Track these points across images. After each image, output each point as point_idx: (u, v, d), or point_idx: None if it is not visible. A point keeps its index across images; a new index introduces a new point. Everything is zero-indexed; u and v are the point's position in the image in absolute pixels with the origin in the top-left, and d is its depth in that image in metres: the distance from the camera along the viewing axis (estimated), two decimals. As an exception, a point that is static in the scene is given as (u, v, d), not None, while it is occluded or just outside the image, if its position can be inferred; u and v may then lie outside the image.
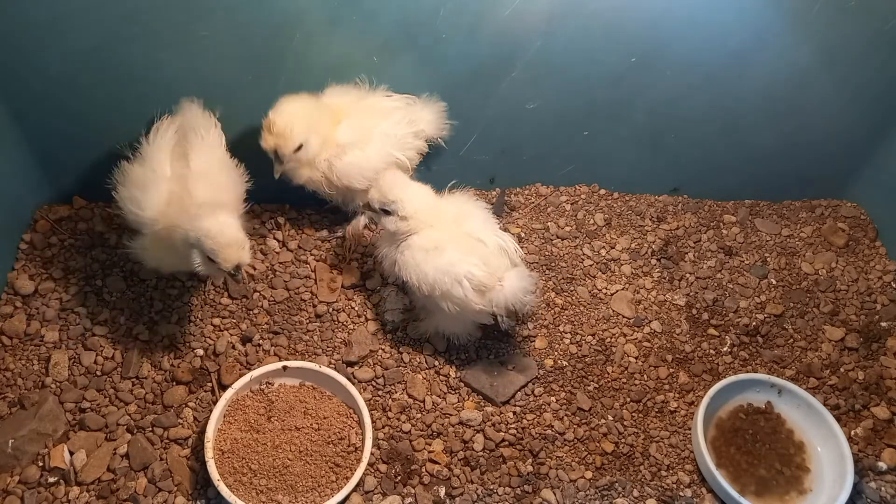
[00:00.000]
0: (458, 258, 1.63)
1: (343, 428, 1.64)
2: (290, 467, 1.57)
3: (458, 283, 1.62)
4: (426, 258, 1.64)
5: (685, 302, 2.01)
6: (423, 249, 1.65)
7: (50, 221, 1.95)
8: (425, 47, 1.79)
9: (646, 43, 1.84)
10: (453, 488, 1.62)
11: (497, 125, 2.02)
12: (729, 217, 2.23)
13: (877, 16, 1.83)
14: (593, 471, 1.67)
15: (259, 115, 1.80)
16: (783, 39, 1.85)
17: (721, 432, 1.75)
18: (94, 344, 1.74)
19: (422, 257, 1.64)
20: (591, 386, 1.81)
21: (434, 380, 1.78)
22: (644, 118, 2.03)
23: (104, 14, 1.61)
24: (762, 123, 2.05)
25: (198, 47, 1.70)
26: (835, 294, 2.06)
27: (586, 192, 2.23)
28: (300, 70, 1.79)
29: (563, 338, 1.89)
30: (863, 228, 2.22)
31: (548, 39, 1.81)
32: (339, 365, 1.77)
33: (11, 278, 1.83)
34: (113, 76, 1.73)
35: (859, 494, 1.67)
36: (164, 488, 1.56)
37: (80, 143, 1.87)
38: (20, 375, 1.68)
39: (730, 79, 1.93)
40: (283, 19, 1.69)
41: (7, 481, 1.52)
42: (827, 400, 1.82)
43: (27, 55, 1.67)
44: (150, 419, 1.64)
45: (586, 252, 2.08)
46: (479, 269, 1.62)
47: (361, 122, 1.79)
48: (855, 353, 1.93)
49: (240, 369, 1.73)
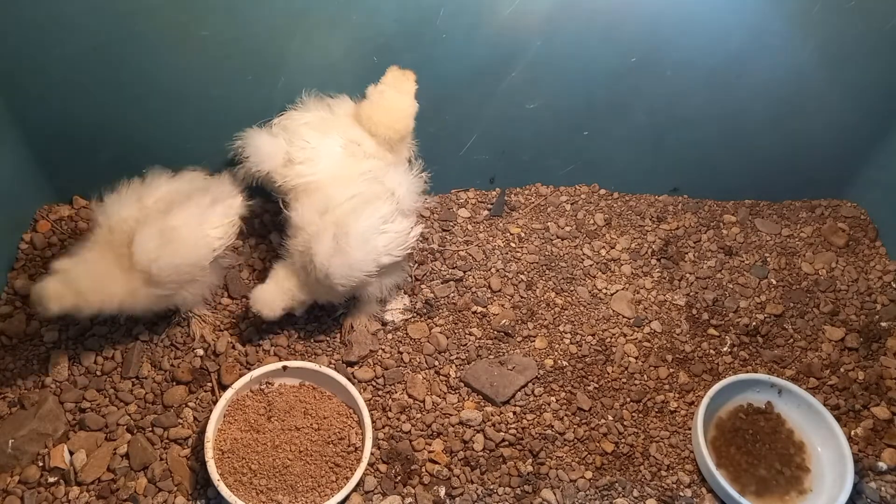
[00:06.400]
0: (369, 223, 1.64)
1: (343, 428, 1.64)
2: (290, 467, 1.57)
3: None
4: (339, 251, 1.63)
5: (685, 302, 2.01)
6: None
7: (50, 221, 1.95)
8: (425, 47, 1.79)
9: (646, 43, 1.84)
10: (453, 488, 1.62)
11: (497, 125, 2.01)
12: (729, 217, 2.23)
13: (877, 16, 1.82)
14: (593, 471, 1.67)
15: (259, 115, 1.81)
16: (783, 39, 1.85)
17: (721, 432, 1.75)
18: (93, 344, 1.74)
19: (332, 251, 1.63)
20: (591, 386, 1.81)
21: (434, 380, 1.78)
22: (644, 118, 2.03)
23: (104, 14, 1.61)
24: (762, 123, 2.06)
25: (198, 47, 1.70)
26: (835, 294, 2.06)
27: (586, 192, 2.23)
28: (300, 70, 1.79)
29: (563, 338, 1.89)
30: (863, 228, 2.22)
31: (548, 39, 1.82)
32: (339, 365, 1.77)
33: (11, 278, 1.83)
34: (113, 76, 1.73)
35: (859, 494, 1.66)
36: (164, 488, 1.56)
37: (80, 143, 1.87)
38: (20, 375, 1.68)
39: (730, 79, 1.93)
40: (283, 19, 1.69)
41: (7, 481, 1.52)
42: (827, 400, 1.82)
43: (27, 55, 1.67)
44: (150, 419, 1.64)
45: (586, 252, 2.08)
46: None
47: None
48: (855, 353, 1.93)
49: (240, 369, 1.73)
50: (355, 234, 1.61)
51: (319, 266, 1.60)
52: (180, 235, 1.59)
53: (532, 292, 1.98)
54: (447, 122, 1.98)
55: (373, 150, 1.77)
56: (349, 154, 1.75)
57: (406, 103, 1.75)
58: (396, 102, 1.74)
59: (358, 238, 1.61)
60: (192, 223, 1.62)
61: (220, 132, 1.76)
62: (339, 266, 1.60)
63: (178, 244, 1.58)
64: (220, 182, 1.79)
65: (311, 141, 1.72)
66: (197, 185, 1.74)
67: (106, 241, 1.59)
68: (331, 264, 1.60)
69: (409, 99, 1.75)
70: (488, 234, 2.10)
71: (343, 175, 1.72)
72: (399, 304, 1.89)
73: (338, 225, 1.62)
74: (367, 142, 1.77)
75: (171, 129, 1.86)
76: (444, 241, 2.06)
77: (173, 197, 1.66)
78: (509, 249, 2.06)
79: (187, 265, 1.62)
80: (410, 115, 1.77)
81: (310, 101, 1.80)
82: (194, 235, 1.63)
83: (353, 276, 1.63)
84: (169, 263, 1.57)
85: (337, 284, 1.63)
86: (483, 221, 2.13)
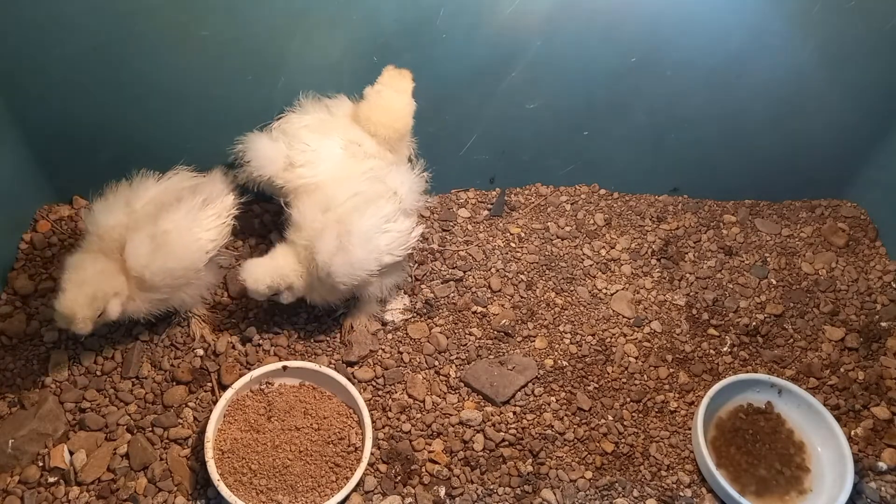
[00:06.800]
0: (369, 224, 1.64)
1: (343, 428, 1.64)
2: (290, 467, 1.57)
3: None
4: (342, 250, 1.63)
5: (685, 302, 2.01)
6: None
7: (50, 221, 1.95)
8: (425, 47, 1.79)
9: (646, 43, 1.84)
10: (453, 488, 1.62)
11: (497, 125, 2.01)
12: (729, 217, 2.23)
13: (877, 16, 1.83)
14: (593, 471, 1.67)
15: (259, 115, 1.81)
16: (783, 39, 1.85)
17: (721, 432, 1.75)
18: (93, 344, 1.74)
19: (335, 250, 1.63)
20: (591, 386, 1.81)
21: (434, 380, 1.78)
22: (644, 118, 2.03)
23: (104, 14, 1.61)
24: (762, 123, 2.06)
25: (198, 47, 1.70)
26: (835, 294, 2.06)
27: (586, 192, 2.23)
28: (300, 70, 1.79)
29: (563, 338, 1.89)
30: (863, 228, 2.22)
31: (548, 39, 1.82)
32: (339, 365, 1.77)
33: (11, 278, 1.83)
34: (113, 76, 1.73)
35: (859, 494, 1.66)
36: (164, 488, 1.56)
37: (80, 143, 1.87)
38: (20, 375, 1.68)
39: (730, 79, 1.93)
40: (283, 19, 1.69)
41: (7, 481, 1.52)
42: (827, 400, 1.82)
43: (27, 55, 1.67)
44: (150, 419, 1.64)
45: (586, 252, 2.08)
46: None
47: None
48: (855, 353, 1.93)
49: (240, 369, 1.73)
50: (358, 232, 1.61)
51: (322, 264, 1.60)
52: (172, 239, 1.57)
53: (532, 292, 1.98)
54: (447, 122, 1.98)
55: (373, 150, 1.77)
56: (350, 155, 1.75)
57: (404, 102, 1.75)
58: (394, 102, 1.74)
59: (361, 236, 1.61)
60: (184, 226, 1.61)
61: (220, 132, 1.76)
62: (342, 265, 1.60)
63: (169, 248, 1.57)
64: (211, 181, 1.77)
65: (312, 143, 1.72)
66: (186, 185, 1.72)
67: (97, 248, 1.58)
68: (333, 262, 1.60)
69: (407, 97, 1.75)
70: (488, 234, 2.10)
71: (344, 176, 1.72)
72: (399, 304, 1.89)
73: (340, 223, 1.62)
74: (367, 142, 1.77)
75: (171, 129, 1.86)
76: (444, 241, 2.06)
77: (163, 199, 1.64)
78: (509, 249, 2.06)
79: (181, 269, 1.61)
80: (409, 114, 1.77)
81: (307, 103, 1.80)
82: (186, 239, 1.61)
83: (354, 275, 1.63)
84: (162, 268, 1.56)
85: (339, 283, 1.63)
86: (483, 221, 2.13)
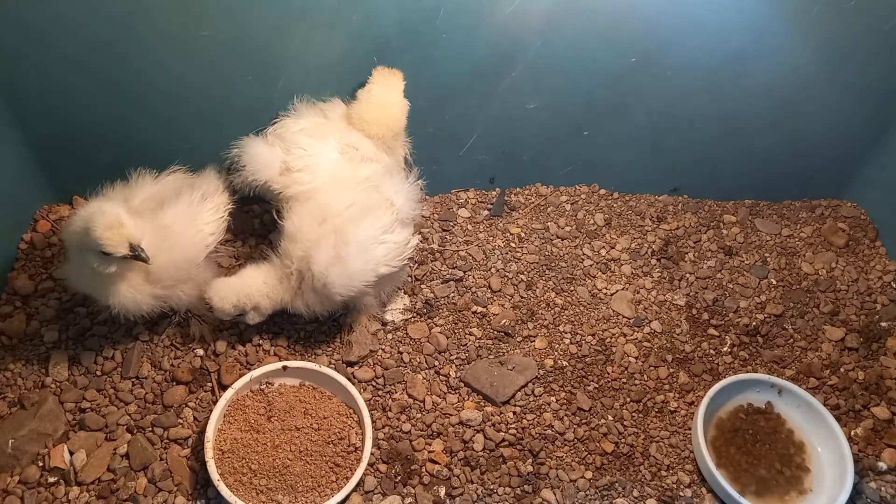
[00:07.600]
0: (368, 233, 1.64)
1: (343, 428, 1.64)
2: (290, 467, 1.57)
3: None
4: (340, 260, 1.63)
5: (685, 302, 2.01)
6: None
7: (50, 221, 1.95)
8: (425, 47, 1.79)
9: (646, 43, 1.84)
10: (453, 488, 1.62)
11: (497, 125, 2.01)
12: (729, 217, 2.23)
13: (877, 16, 1.82)
14: (593, 471, 1.67)
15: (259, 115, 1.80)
16: (783, 40, 1.85)
17: (721, 432, 1.75)
18: (93, 344, 1.74)
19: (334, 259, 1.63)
20: (591, 386, 1.81)
21: (434, 380, 1.78)
22: (644, 118, 2.03)
23: (104, 14, 1.61)
24: (762, 123, 2.06)
25: (198, 47, 1.70)
26: (835, 294, 2.06)
27: (586, 192, 2.23)
28: (300, 70, 1.79)
29: (563, 338, 1.89)
30: (863, 228, 2.22)
31: (548, 39, 1.82)
32: (339, 365, 1.77)
33: (11, 278, 1.83)
34: (113, 76, 1.73)
35: (859, 494, 1.66)
36: (164, 488, 1.56)
37: (80, 143, 1.87)
38: (20, 375, 1.68)
39: (730, 79, 1.93)
40: (283, 19, 1.69)
41: (7, 481, 1.52)
42: (827, 400, 1.82)
43: (27, 55, 1.67)
44: (150, 419, 1.64)
45: (586, 252, 2.08)
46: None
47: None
48: (855, 353, 1.93)
49: (240, 369, 1.73)
50: (355, 242, 1.61)
51: (318, 275, 1.60)
52: (174, 232, 1.60)
53: (532, 292, 1.98)
54: (447, 122, 1.98)
55: (370, 152, 1.77)
56: (347, 159, 1.75)
57: (395, 98, 1.75)
58: (385, 98, 1.74)
59: (358, 247, 1.61)
60: (185, 220, 1.64)
61: (220, 132, 1.76)
62: (338, 275, 1.60)
63: (172, 241, 1.59)
64: (206, 178, 1.80)
65: (308, 148, 1.72)
66: (182, 183, 1.75)
67: None
68: (329, 273, 1.59)
69: (398, 94, 1.75)
70: (488, 234, 2.10)
71: (342, 180, 1.72)
72: (399, 304, 1.89)
73: (338, 233, 1.62)
74: (363, 144, 1.76)
75: (171, 129, 1.86)
76: (444, 241, 2.06)
77: (161, 196, 1.67)
78: (509, 249, 2.06)
79: (184, 261, 1.63)
80: (401, 111, 1.77)
81: (302, 106, 1.80)
82: (188, 232, 1.65)
83: (351, 286, 1.63)
84: (167, 260, 1.58)
85: (335, 294, 1.62)
86: (483, 221, 2.13)
